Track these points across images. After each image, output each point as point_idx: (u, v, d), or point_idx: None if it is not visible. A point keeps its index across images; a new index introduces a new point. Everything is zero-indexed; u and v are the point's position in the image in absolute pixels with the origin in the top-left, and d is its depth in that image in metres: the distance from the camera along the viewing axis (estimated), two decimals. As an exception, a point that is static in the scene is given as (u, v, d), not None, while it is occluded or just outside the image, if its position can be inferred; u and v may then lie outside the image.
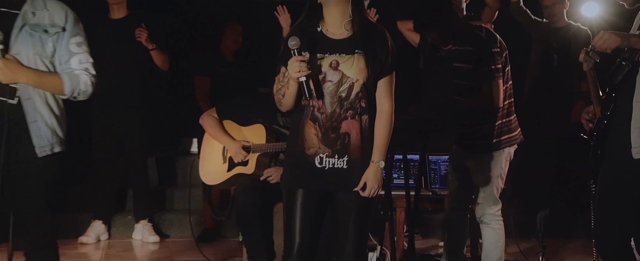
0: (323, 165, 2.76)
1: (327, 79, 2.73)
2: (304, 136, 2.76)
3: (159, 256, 5.03)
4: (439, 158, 4.44)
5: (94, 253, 5.05)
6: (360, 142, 2.75)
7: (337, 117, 2.73)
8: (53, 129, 2.96)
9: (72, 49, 2.98)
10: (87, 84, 2.99)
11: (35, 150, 2.91)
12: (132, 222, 5.48)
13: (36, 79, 2.89)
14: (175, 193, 5.94)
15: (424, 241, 5.29)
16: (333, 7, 2.73)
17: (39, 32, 2.92)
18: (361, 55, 2.72)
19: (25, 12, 2.93)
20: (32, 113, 2.91)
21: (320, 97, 2.72)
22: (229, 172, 4.38)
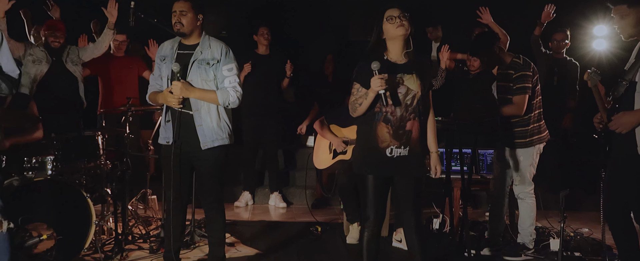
0: (392, 155, 2.75)
1: (397, 91, 2.75)
2: (376, 134, 2.76)
3: (286, 217, 5.08)
4: (486, 151, 4.33)
5: (244, 213, 5.17)
6: (418, 136, 2.78)
7: (404, 118, 2.75)
8: (212, 130, 3.05)
9: (225, 73, 3.07)
10: (234, 97, 3.06)
11: (200, 145, 3.06)
12: (268, 193, 5.57)
13: (201, 94, 3.02)
14: (296, 174, 5.98)
15: (474, 212, 5.15)
16: (397, 43, 2.76)
17: (204, 65, 3.05)
18: (417, 75, 2.75)
19: (197, 51, 3.06)
20: (198, 120, 3.04)
21: (398, 105, 2.72)
22: (333, 159, 4.42)
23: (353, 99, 2.78)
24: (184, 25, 3.02)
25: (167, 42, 3.21)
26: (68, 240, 3.31)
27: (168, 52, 3.12)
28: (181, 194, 3.13)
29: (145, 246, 3.81)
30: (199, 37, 3.11)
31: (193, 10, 3.04)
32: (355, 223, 4.15)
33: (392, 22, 2.71)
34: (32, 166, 3.46)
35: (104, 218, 3.80)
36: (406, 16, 2.72)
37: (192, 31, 3.07)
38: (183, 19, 3.02)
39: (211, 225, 3.21)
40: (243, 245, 4.07)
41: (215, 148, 3.06)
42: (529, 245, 3.83)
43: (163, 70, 3.12)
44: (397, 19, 2.70)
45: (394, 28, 2.71)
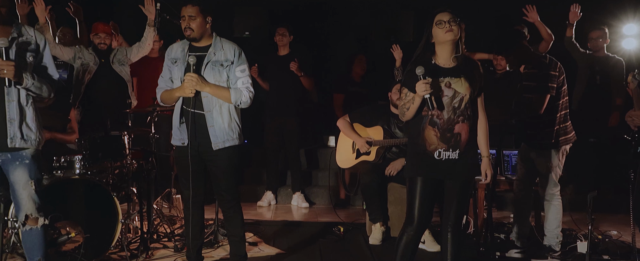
0: (441, 157, 2.74)
1: (444, 94, 2.73)
2: (424, 137, 2.75)
3: (309, 217, 5.08)
4: (510, 152, 4.27)
5: (266, 213, 5.18)
6: (468, 139, 2.74)
7: (452, 121, 2.72)
8: (224, 131, 3.06)
9: (238, 74, 3.09)
10: (247, 97, 3.07)
11: (211, 145, 3.06)
12: (290, 193, 5.57)
13: (214, 90, 3.02)
14: (319, 174, 5.98)
15: (498, 213, 5.09)
16: (445, 48, 2.74)
17: (217, 67, 3.06)
18: (466, 78, 2.73)
19: (210, 52, 3.07)
20: (210, 120, 3.05)
21: (442, 109, 2.70)
22: (356, 159, 4.42)
23: (401, 103, 2.79)
24: (194, 30, 3.04)
25: (175, 44, 3.21)
26: (95, 238, 3.36)
27: (179, 55, 3.12)
28: (197, 193, 3.16)
29: (170, 245, 3.86)
30: (209, 38, 3.12)
31: (201, 14, 3.04)
32: (377, 224, 4.14)
33: (441, 27, 2.70)
34: (61, 165, 3.53)
35: (130, 216, 3.85)
36: (456, 21, 2.70)
37: (202, 35, 3.08)
38: (192, 23, 3.03)
39: (230, 223, 3.24)
40: (266, 244, 4.09)
41: (227, 148, 3.08)
42: (555, 248, 3.77)
43: (174, 72, 3.12)
44: (446, 23, 2.68)
45: (443, 33, 2.70)
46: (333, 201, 5.36)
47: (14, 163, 2.66)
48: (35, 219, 2.73)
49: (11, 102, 2.63)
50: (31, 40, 2.70)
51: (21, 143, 2.65)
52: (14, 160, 2.66)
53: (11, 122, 2.63)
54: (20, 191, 2.68)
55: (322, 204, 5.56)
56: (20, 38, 2.68)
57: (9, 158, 2.66)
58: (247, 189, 5.59)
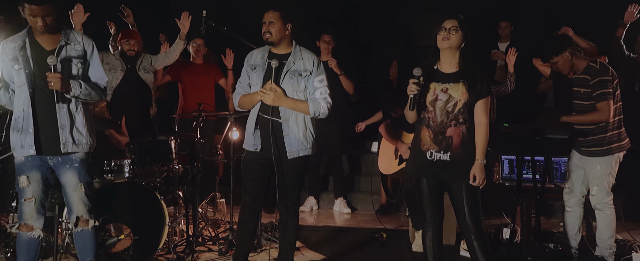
0: (432, 158, 2.81)
1: (438, 98, 2.79)
2: (420, 137, 2.85)
3: (351, 223, 5.06)
4: (559, 159, 4.14)
5: (309, 218, 5.20)
6: (461, 142, 2.78)
7: (444, 125, 2.78)
8: (299, 140, 3.08)
9: (316, 85, 3.10)
10: (325, 108, 3.09)
11: (286, 154, 3.08)
12: (332, 198, 5.57)
13: (292, 104, 3.04)
14: (361, 180, 5.96)
15: (547, 222, 4.93)
16: (444, 54, 2.82)
17: (296, 76, 3.07)
18: (464, 83, 2.76)
19: (289, 62, 3.08)
20: (286, 129, 3.07)
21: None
22: (399, 165, 4.38)
23: (407, 106, 2.85)
24: (272, 35, 3.06)
25: (255, 50, 3.22)
26: (144, 240, 3.44)
27: (259, 62, 3.13)
28: (258, 200, 3.18)
29: (215, 248, 3.91)
30: (288, 46, 3.13)
31: (281, 20, 3.07)
32: (421, 230, 4.07)
33: (440, 34, 2.77)
34: (111, 169, 3.65)
35: (176, 220, 3.94)
36: (457, 29, 2.74)
37: (280, 40, 3.09)
38: (271, 28, 3.05)
39: (285, 229, 3.23)
40: (308, 249, 4.09)
41: (300, 158, 3.09)
42: (608, 259, 3.62)
43: (253, 78, 3.13)
44: (445, 31, 2.75)
45: (440, 40, 2.78)
46: (375, 207, 5.32)
47: (64, 166, 2.77)
48: (86, 221, 2.82)
49: (62, 109, 2.73)
50: (79, 46, 2.80)
51: (73, 147, 2.76)
52: (64, 163, 2.77)
53: (63, 128, 2.74)
54: (71, 194, 2.79)
55: (364, 210, 5.54)
56: (69, 45, 2.78)
57: (59, 161, 2.77)
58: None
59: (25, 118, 2.70)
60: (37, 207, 2.75)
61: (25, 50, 2.70)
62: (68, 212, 2.86)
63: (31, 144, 2.70)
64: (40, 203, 2.76)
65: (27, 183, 2.72)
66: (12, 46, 2.70)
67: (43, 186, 2.77)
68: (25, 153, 2.72)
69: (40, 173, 2.76)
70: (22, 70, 2.69)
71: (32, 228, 2.74)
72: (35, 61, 2.70)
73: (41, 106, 2.72)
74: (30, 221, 2.73)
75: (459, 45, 2.77)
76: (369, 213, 5.35)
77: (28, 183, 2.72)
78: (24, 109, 2.70)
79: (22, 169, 2.74)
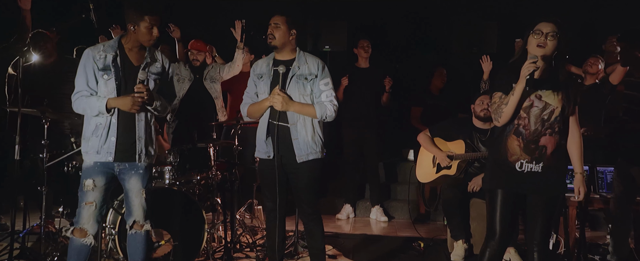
0: (523, 169, 2.64)
1: (534, 105, 2.63)
2: (506, 146, 2.66)
3: (388, 231, 5.02)
4: (605, 168, 4.00)
5: (345, 226, 5.17)
6: (554, 152, 2.62)
7: (538, 133, 2.62)
8: (307, 144, 3.07)
9: (322, 87, 3.10)
10: (332, 110, 3.08)
11: (295, 158, 3.09)
12: (369, 206, 5.53)
13: (300, 108, 3.06)
14: (397, 188, 5.92)
15: (592, 233, 4.77)
16: (539, 59, 2.62)
17: (302, 80, 3.09)
18: (558, 90, 2.62)
19: (294, 66, 3.10)
20: (294, 133, 3.08)
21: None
22: (437, 174, 4.31)
23: (495, 107, 2.67)
24: (275, 38, 3.08)
25: (260, 60, 3.27)
26: (183, 246, 3.50)
27: (264, 70, 3.17)
28: (280, 205, 3.18)
29: (252, 255, 3.94)
30: (292, 52, 3.15)
31: (286, 24, 3.09)
32: (460, 240, 4.00)
33: (537, 38, 2.59)
34: (153, 176, 3.72)
35: (215, 226, 3.99)
36: (556, 35, 2.57)
37: (283, 45, 3.11)
38: (276, 31, 3.08)
39: (310, 236, 3.25)
40: (345, 257, 4.07)
41: (310, 161, 3.10)
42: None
43: (260, 87, 3.17)
44: (542, 35, 2.57)
45: (535, 45, 2.59)
46: (412, 216, 5.26)
47: (131, 171, 2.88)
48: (141, 225, 2.92)
49: (140, 121, 2.87)
50: (159, 64, 2.96)
51: (146, 159, 2.90)
52: (131, 169, 2.88)
53: (139, 140, 2.86)
54: (133, 198, 2.90)
55: (401, 219, 5.49)
56: (152, 62, 2.93)
57: (126, 167, 2.88)
58: (326, 201, 5.62)
59: (108, 126, 2.81)
60: (96, 213, 2.83)
61: (117, 62, 2.82)
62: (126, 215, 2.96)
63: (111, 152, 2.80)
64: (99, 210, 2.85)
65: (92, 187, 2.81)
66: (103, 55, 2.82)
67: (104, 193, 2.87)
68: (101, 158, 2.81)
69: (105, 179, 2.86)
70: (111, 80, 2.81)
71: (86, 234, 2.81)
72: (124, 73, 2.83)
73: (122, 116, 2.84)
74: (86, 226, 2.81)
75: (554, 52, 2.60)
76: (406, 222, 5.29)
77: (93, 186, 2.81)
78: (109, 117, 2.81)
79: (90, 173, 2.83)
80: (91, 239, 2.83)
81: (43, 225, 3.58)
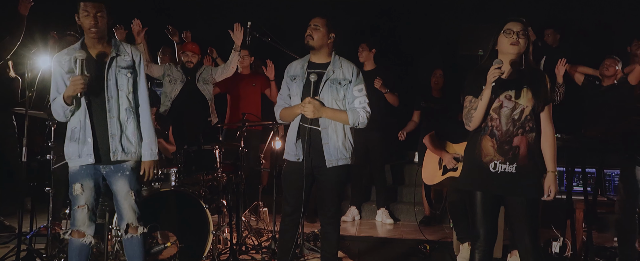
0: (496, 170, 2.62)
1: (503, 105, 2.62)
2: (481, 147, 2.66)
3: (394, 234, 5.01)
4: (612, 171, 3.97)
5: (351, 228, 5.16)
6: (527, 153, 2.60)
7: (511, 133, 2.61)
8: (338, 149, 3.05)
9: (355, 94, 3.08)
10: (364, 117, 3.05)
11: (325, 162, 3.07)
12: (375, 209, 5.53)
13: (332, 114, 3.03)
14: (403, 190, 5.90)
15: (599, 236, 4.73)
16: (509, 58, 2.64)
17: (335, 85, 3.07)
18: (529, 89, 2.61)
19: (329, 70, 3.09)
20: (325, 137, 3.06)
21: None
22: (443, 176, 4.29)
23: (466, 111, 2.68)
24: (314, 39, 3.06)
25: (295, 62, 3.23)
26: (189, 248, 3.50)
27: (299, 72, 3.14)
28: (298, 209, 3.16)
29: (258, 257, 3.94)
30: (328, 56, 3.13)
31: (326, 27, 3.08)
32: (466, 243, 3.98)
33: (508, 37, 2.60)
34: (158, 178, 3.72)
35: (220, 228, 3.99)
36: (526, 34, 2.58)
37: (321, 47, 3.09)
38: (315, 33, 3.07)
39: (326, 239, 3.21)
40: (351, 260, 4.07)
41: (339, 167, 3.07)
42: (667, 276, 3.43)
43: (293, 89, 3.14)
44: (514, 34, 2.58)
45: (508, 44, 2.59)
46: (418, 219, 5.24)
47: (116, 174, 2.85)
48: (136, 228, 2.89)
49: (112, 118, 2.82)
50: (128, 57, 2.89)
51: (122, 155, 2.83)
52: (116, 172, 2.85)
53: (113, 137, 2.81)
54: (122, 201, 2.87)
55: (407, 221, 5.47)
56: (119, 57, 2.87)
57: (111, 169, 2.86)
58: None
59: (83, 128, 2.79)
60: (89, 214, 2.83)
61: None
62: (118, 219, 2.93)
63: (90, 153, 2.78)
64: (92, 211, 2.85)
65: (80, 191, 2.81)
66: (67, 58, 2.80)
67: (95, 194, 2.86)
68: (83, 162, 2.80)
69: (93, 181, 2.85)
70: None
71: (84, 235, 2.83)
72: (89, 72, 2.78)
73: (95, 116, 2.81)
74: (82, 228, 2.82)
75: (523, 50, 2.61)
76: (412, 224, 5.27)
77: (82, 190, 2.81)
78: (81, 119, 2.79)
79: (76, 177, 2.83)
80: (90, 238, 2.84)
81: (50, 226, 3.59)
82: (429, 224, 5.26)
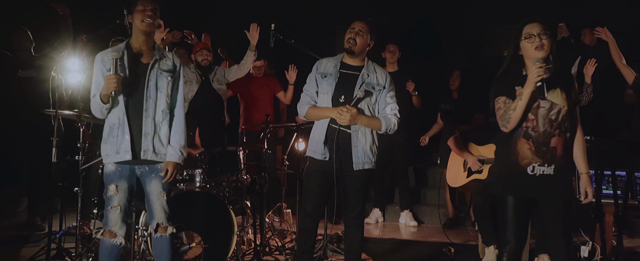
0: (535, 172, 2.56)
1: (540, 106, 2.56)
2: (516, 151, 2.59)
3: (417, 236, 4.97)
4: (643, 174, 3.87)
5: (374, 230, 5.15)
6: (563, 153, 2.56)
7: (548, 134, 2.55)
8: (365, 153, 3.07)
9: (388, 100, 3.10)
10: (395, 124, 3.08)
11: (352, 165, 3.08)
12: (398, 211, 5.50)
13: (367, 121, 3.05)
14: (427, 192, 5.86)
15: (630, 240, 4.61)
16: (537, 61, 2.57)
17: (369, 88, 3.08)
18: (562, 89, 2.56)
19: (363, 73, 3.11)
20: (355, 140, 3.07)
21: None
22: (468, 178, 4.25)
23: (501, 113, 2.60)
24: (356, 44, 3.08)
25: (326, 59, 3.23)
26: (213, 249, 3.52)
27: (331, 70, 3.14)
28: (319, 209, 3.17)
29: (281, 258, 3.95)
30: (362, 60, 3.16)
31: (369, 34, 3.11)
32: (491, 246, 3.92)
33: (531, 41, 2.53)
34: (184, 178, 3.76)
35: (244, 229, 4.01)
36: (547, 33, 2.52)
37: (361, 52, 3.12)
38: (358, 38, 3.08)
39: (349, 240, 3.21)
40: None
41: (365, 170, 3.08)
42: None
43: (323, 87, 3.13)
44: (536, 37, 2.52)
45: (533, 49, 2.52)
46: (442, 221, 5.19)
47: (151, 175, 2.90)
48: (165, 227, 2.93)
49: (148, 117, 2.85)
50: (170, 62, 2.95)
51: (152, 155, 2.86)
52: (151, 172, 2.90)
53: (145, 136, 2.85)
54: (154, 201, 2.91)
55: (431, 224, 5.43)
56: (161, 60, 2.93)
57: (146, 170, 2.90)
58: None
59: (121, 125, 2.83)
60: (122, 215, 2.87)
61: (123, 60, 2.85)
62: (149, 218, 2.96)
63: (127, 150, 2.81)
64: (125, 212, 2.88)
65: (115, 192, 2.85)
66: (109, 57, 2.83)
67: (128, 195, 2.90)
68: (121, 158, 2.83)
69: (127, 182, 2.88)
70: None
71: (115, 235, 2.86)
72: (131, 71, 2.84)
73: (132, 115, 2.85)
74: (114, 228, 2.86)
75: (550, 52, 2.54)
76: (436, 227, 5.22)
77: (116, 191, 2.85)
78: (120, 116, 2.83)
79: (112, 178, 2.87)
80: (121, 239, 2.87)
81: (79, 226, 3.66)
82: (453, 227, 5.20)
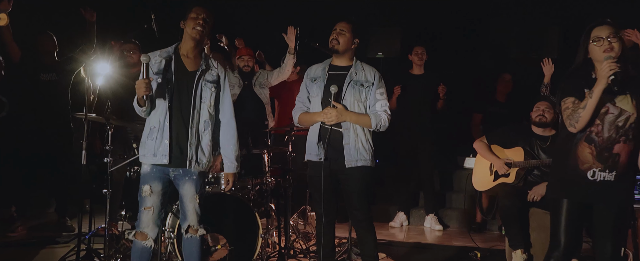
0: (595, 178, 2.51)
1: (609, 111, 2.51)
2: (577, 154, 2.54)
3: (443, 240, 4.92)
4: (678, 177, 3.75)
5: (399, 234, 5.12)
6: (627, 161, 2.49)
7: (613, 140, 2.50)
8: (358, 150, 3.09)
9: (377, 97, 3.13)
10: (385, 120, 3.11)
11: (345, 162, 3.09)
12: (423, 214, 5.46)
13: (356, 118, 3.09)
14: (453, 196, 5.80)
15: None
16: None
17: (358, 86, 3.12)
18: (632, 96, 2.49)
19: (351, 72, 3.15)
20: (346, 138, 3.10)
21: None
22: (494, 181, 4.18)
23: (568, 112, 2.55)
24: (339, 44, 3.14)
25: (315, 65, 3.30)
26: (238, 251, 3.54)
27: (320, 74, 3.22)
28: (329, 211, 3.18)
29: (305, 260, 3.95)
30: (350, 60, 3.21)
31: (352, 32, 3.15)
32: (518, 250, 3.85)
33: (600, 45, 2.47)
34: (209, 181, 3.79)
35: (269, 231, 4.02)
36: (617, 36, 2.45)
37: (345, 51, 3.17)
38: (341, 37, 3.14)
39: (362, 243, 3.22)
40: (399, 266, 4.02)
41: (359, 168, 3.10)
42: None
43: (313, 90, 3.21)
44: (605, 40, 2.45)
45: (601, 52, 2.46)
46: (468, 225, 5.12)
47: (184, 178, 2.93)
48: (196, 229, 2.97)
49: (192, 128, 2.90)
50: (215, 72, 3.00)
51: (195, 166, 2.91)
52: (185, 175, 2.94)
53: (190, 146, 2.90)
54: (187, 203, 2.95)
55: (456, 228, 5.37)
56: (207, 71, 2.97)
57: (180, 173, 2.94)
58: (379, 209, 5.56)
59: (161, 129, 2.87)
60: (154, 217, 2.91)
61: (171, 66, 2.90)
62: (181, 220, 3.01)
63: (165, 154, 2.86)
64: (157, 214, 2.92)
65: (149, 193, 2.89)
66: (159, 60, 2.90)
67: (162, 197, 2.94)
68: (158, 161, 2.87)
69: (161, 184, 2.92)
70: (162, 84, 2.88)
71: (147, 237, 2.90)
72: (177, 78, 2.89)
73: (175, 121, 2.89)
74: (146, 230, 2.89)
75: (620, 54, 2.47)
76: (461, 231, 5.18)
77: (150, 192, 2.89)
78: (160, 120, 2.87)
79: (147, 179, 2.91)
80: (151, 242, 2.91)
81: (107, 227, 3.72)
82: (479, 231, 5.14)
